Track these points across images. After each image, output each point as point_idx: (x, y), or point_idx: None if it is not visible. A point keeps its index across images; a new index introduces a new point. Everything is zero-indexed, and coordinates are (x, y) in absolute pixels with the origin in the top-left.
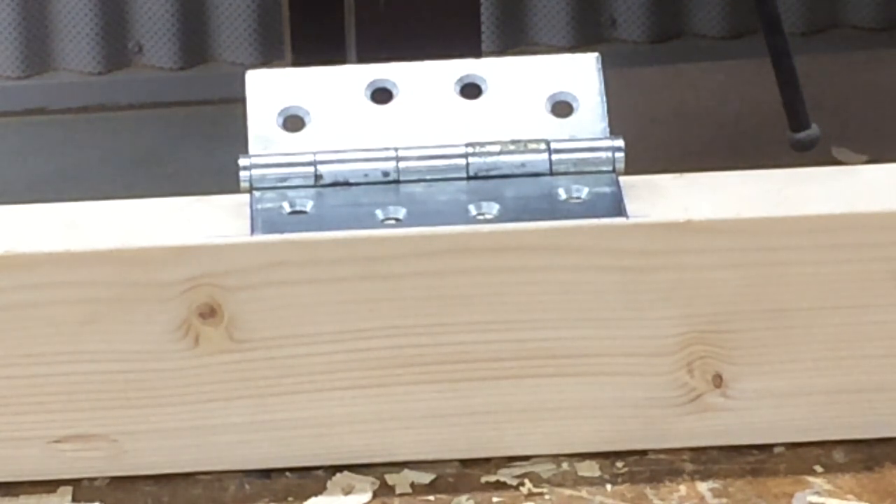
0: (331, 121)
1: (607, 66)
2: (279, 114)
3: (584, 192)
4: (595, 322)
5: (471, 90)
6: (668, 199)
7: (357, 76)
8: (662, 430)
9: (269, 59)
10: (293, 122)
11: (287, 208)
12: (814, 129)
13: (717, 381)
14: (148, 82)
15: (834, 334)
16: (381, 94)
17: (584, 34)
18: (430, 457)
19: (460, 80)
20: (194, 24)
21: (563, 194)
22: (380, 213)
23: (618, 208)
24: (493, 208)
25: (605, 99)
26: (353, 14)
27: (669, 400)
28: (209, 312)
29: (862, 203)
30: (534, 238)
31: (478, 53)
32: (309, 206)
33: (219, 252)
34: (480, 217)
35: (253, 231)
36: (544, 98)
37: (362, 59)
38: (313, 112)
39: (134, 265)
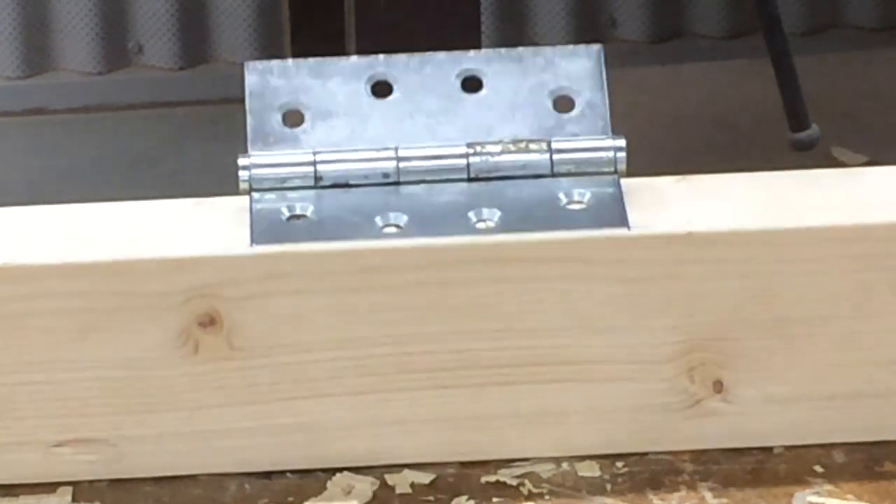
0: (330, 114)
1: (607, 67)
2: (278, 107)
3: (586, 197)
4: (596, 330)
5: (471, 83)
6: (669, 206)
7: (357, 69)
8: (663, 436)
9: (269, 59)
10: (292, 116)
11: (286, 213)
12: (814, 129)
13: (718, 386)
14: (148, 82)
15: (834, 342)
16: (381, 87)
17: (584, 34)
18: (430, 462)
19: (461, 73)
20: (194, 24)
21: (564, 199)
22: (379, 221)
23: (619, 216)
24: (494, 215)
25: (606, 92)
26: (353, 15)
27: (670, 405)
28: (209, 321)
29: (863, 212)
30: (535, 250)
31: None
32: (309, 210)
33: (218, 264)
34: (481, 225)
35: (252, 239)
36: (545, 92)
37: None
38: (313, 105)
39: (133, 276)
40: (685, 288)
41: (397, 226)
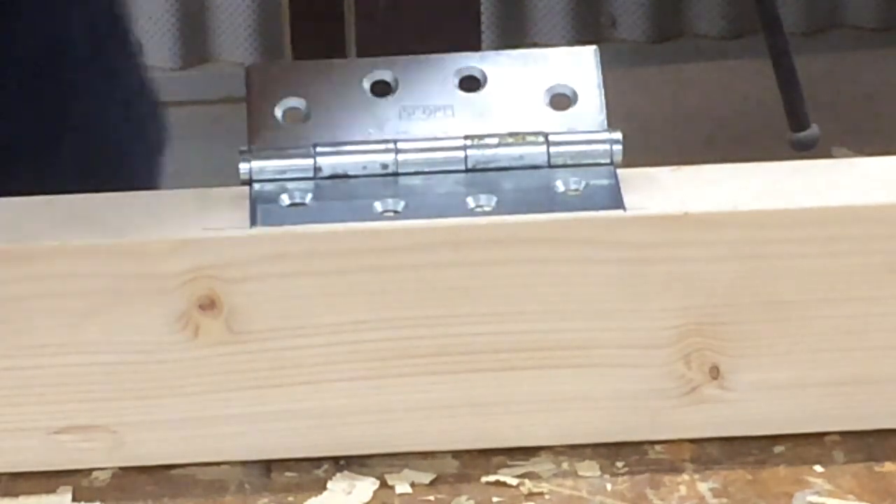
0: (330, 113)
1: (607, 67)
2: (279, 106)
3: (582, 185)
4: (592, 314)
5: (470, 83)
6: (665, 191)
7: (356, 69)
8: (660, 422)
9: (269, 59)
10: (293, 115)
11: (286, 200)
12: (814, 129)
13: (714, 372)
14: None
15: (831, 326)
16: (381, 87)
17: (584, 34)
18: (429, 447)
19: (459, 72)
20: (194, 24)
21: (560, 186)
22: (378, 206)
23: (616, 201)
24: (491, 201)
25: (603, 92)
26: (353, 15)
27: (667, 391)
28: (209, 304)
29: (859, 196)
30: (531, 230)
31: None
32: (308, 198)
33: (218, 244)
34: (479, 210)
35: (252, 223)
36: (543, 91)
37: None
38: (313, 105)
39: (133, 257)
40: (681, 270)
41: (395, 211)
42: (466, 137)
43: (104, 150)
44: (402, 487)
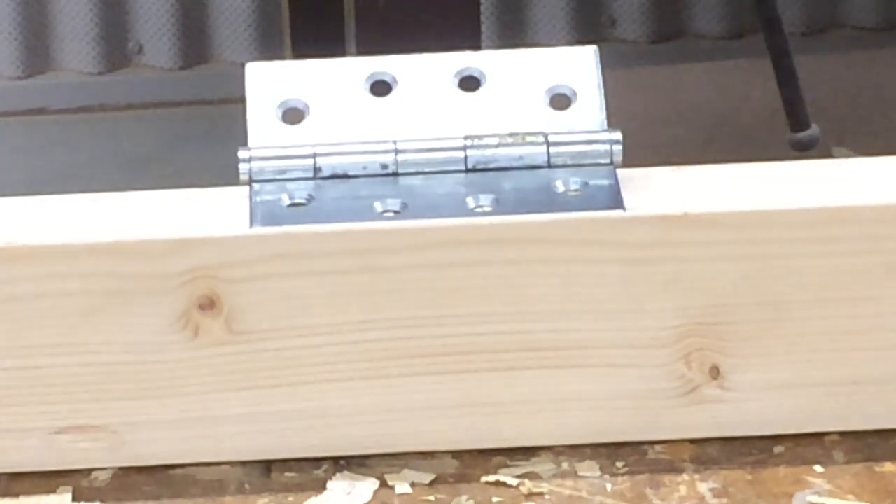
0: (330, 113)
1: (607, 67)
2: (279, 106)
3: (582, 185)
4: (593, 314)
5: (470, 83)
6: (665, 191)
7: (356, 69)
8: (660, 422)
9: (269, 59)
10: (293, 115)
11: (286, 200)
12: (814, 129)
13: (714, 372)
14: (148, 82)
15: (831, 327)
16: (381, 87)
17: (583, 34)
18: (429, 447)
19: (459, 72)
20: (194, 24)
21: (560, 186)
22: (378, 206)
23: (616, 201)
24: (490, 201)
25: (603, 91)
26: (353, 15)
27: (667, 391)
28: (208, 304)
29: (858, 196)
30: (531, 230)
31: None
32: (308, 198)
33: (218, 244)
34: (478, 209)
35: (252, 223)
36: (543, 90)
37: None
38: (313, 104)
39: (133, 257)
40: (681, 270)
41: (395, 211)
42: (466, 137)
43: None
44: (402, 487)
